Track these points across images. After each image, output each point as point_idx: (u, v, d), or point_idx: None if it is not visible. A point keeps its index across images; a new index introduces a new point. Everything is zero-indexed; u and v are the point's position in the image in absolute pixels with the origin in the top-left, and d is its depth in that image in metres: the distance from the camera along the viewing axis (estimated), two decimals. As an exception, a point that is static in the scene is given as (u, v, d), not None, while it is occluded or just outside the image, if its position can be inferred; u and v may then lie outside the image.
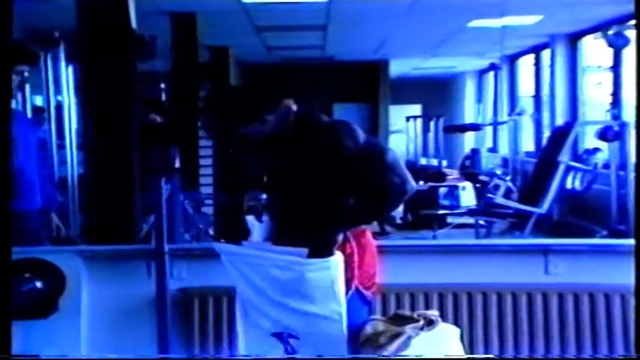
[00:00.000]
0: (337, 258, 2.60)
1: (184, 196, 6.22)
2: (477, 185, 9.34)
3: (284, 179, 2.71)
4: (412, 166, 12.46)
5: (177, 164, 6.12)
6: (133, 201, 4.09)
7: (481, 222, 8.17)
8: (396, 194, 2.61)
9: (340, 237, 2.63)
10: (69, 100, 5.13)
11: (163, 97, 6.74)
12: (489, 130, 12.63)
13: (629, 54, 7.33)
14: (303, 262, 2.57)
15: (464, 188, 9.31)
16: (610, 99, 7.98)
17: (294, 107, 2.76)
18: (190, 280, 3.70)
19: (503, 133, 11.20)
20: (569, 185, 8.17)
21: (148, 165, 5.04)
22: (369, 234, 2.81)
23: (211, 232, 6.64)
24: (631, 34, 6.88)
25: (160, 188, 3.69)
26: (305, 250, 2.58)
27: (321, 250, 2.58)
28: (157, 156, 5.62)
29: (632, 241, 2.29)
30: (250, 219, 3.66)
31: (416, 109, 15.14)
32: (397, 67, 13.38)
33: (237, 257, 2.73)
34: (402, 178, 2.60)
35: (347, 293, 2.68)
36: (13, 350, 2.11)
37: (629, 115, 7.17)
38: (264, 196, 2.90)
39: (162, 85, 6.71)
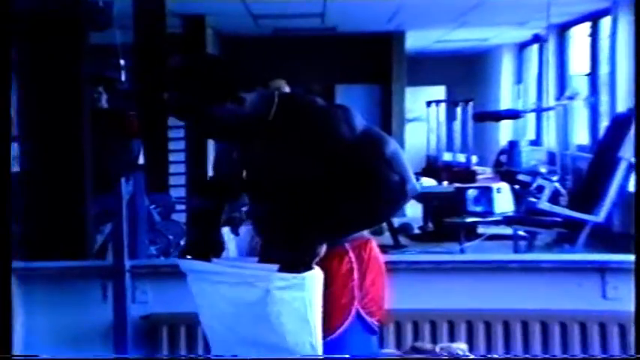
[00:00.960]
0: (314, 275, 2.54)
1: (150, 200, 6.21)
2: (516, 186, 9.33)
3: (263, 174, 2.69)
4: (434, 162, 12.48)
5: (140, 160, 6.12)
6: (84, 205, 4.08)
7: (521, 232, 8.16)
8: (391, 194, 2.57)
9: (322, 248, 2.58)
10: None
11: (123, 77, 6.72)
12: (531, 117, 12.63)
13: None
14: (268, 277, 2.53)
15: (499, 190, 9.30)
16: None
17: (287, 89, 2.75)
18: (157, 305, 3.71)
19: (550, 121, 11.18)
20: (631, 187, 8.15)
21: (104, 161, 5.04)
22: (373, 246, 2.78)
23: (183, 244, 6.63)
24: None
25: (119, 190, 3.68)
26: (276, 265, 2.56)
27: (294, 262, 2.53)
28: (115, 149, 5.61)
29: None
30: (226, 231, 3.65)
31: (439, 91, 15.09)
32: (415, 40, 13.37)
33: (204, 276, 2.71)
34: (401, 176, 2.56)
35: (345, 320, 2.65)
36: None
37: None
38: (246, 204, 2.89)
39: (122, 62, 6.69)
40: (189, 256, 2.79)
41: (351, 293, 2.68)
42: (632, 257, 3.88)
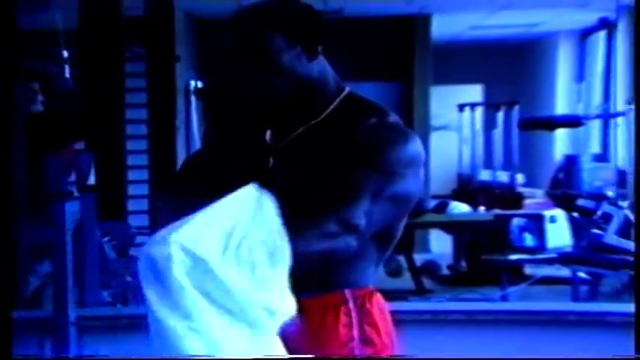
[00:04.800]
0: None
1: (102, 231, 6.21)
2: (575, 214, 9.31)
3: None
4: (468, 182, 12.49)
5: (91, 179, 6.11)
6: (13, 237, 4.06)
7: (582, 274, 8.14)
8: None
9: None
10: None
11: (67, 72, 6.74)
12: (596, 125, 12.62)
13: None
14: None
15: (553, 219, 9.27)
16: None
17: None
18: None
19: (619, 130, 11.17)
20: None
21: (42, 179, 5.03)
22: (380, 298, 2.78)
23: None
24: None
25: (62, 217, 3.67)
26: None
27: None
28: (55, 165, 5.60)
29: None
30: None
31: (474, 91, 15.15)
32: (444, 26, 13.40)
33: None
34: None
35: None
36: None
37: None
38: None
39: (65, 53, 6.70)
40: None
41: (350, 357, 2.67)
42: None
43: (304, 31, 2.71)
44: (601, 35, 13.31)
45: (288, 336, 2.45)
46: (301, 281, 2.45)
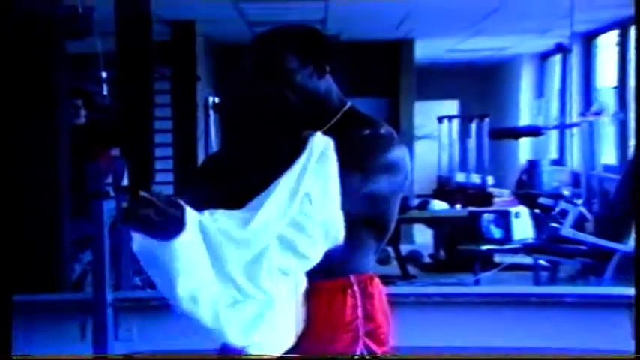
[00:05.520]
0: None
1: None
2: (536, 211, 9.32)
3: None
4: (446, 183, 12.47)
5: (124, 181, 6.12)
6: (61, 231, 4.06)
7: (542, 262, 8.14)
8: None
9: None
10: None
11: (105, 90, 6.74)
12: (554, 135, 12.63)
13: None
14: None
15: (517, 215, 9.28)
16: None
17: None
18: (142, 343, 3.69)
19: (574, 139, 11.18)
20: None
21: (83, 181, 5.04)
22: (379, 282, 2.78)
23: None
24: None
25: (101, 213, 3.67)
26: None
27: None
28: (94, 170, 5.61)
29: None
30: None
31: (451, 106, 15.12)
32: (426, 50, 13.39)
33: None
34: None
35: None
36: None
37: None
38: None
39: (103, 74, 6.70)
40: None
41: (355, 333, 2.67)
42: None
43: (316, 54, 2.73)
44: (557, 58, 13.33)
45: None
46: (314, 269, 2.47)
